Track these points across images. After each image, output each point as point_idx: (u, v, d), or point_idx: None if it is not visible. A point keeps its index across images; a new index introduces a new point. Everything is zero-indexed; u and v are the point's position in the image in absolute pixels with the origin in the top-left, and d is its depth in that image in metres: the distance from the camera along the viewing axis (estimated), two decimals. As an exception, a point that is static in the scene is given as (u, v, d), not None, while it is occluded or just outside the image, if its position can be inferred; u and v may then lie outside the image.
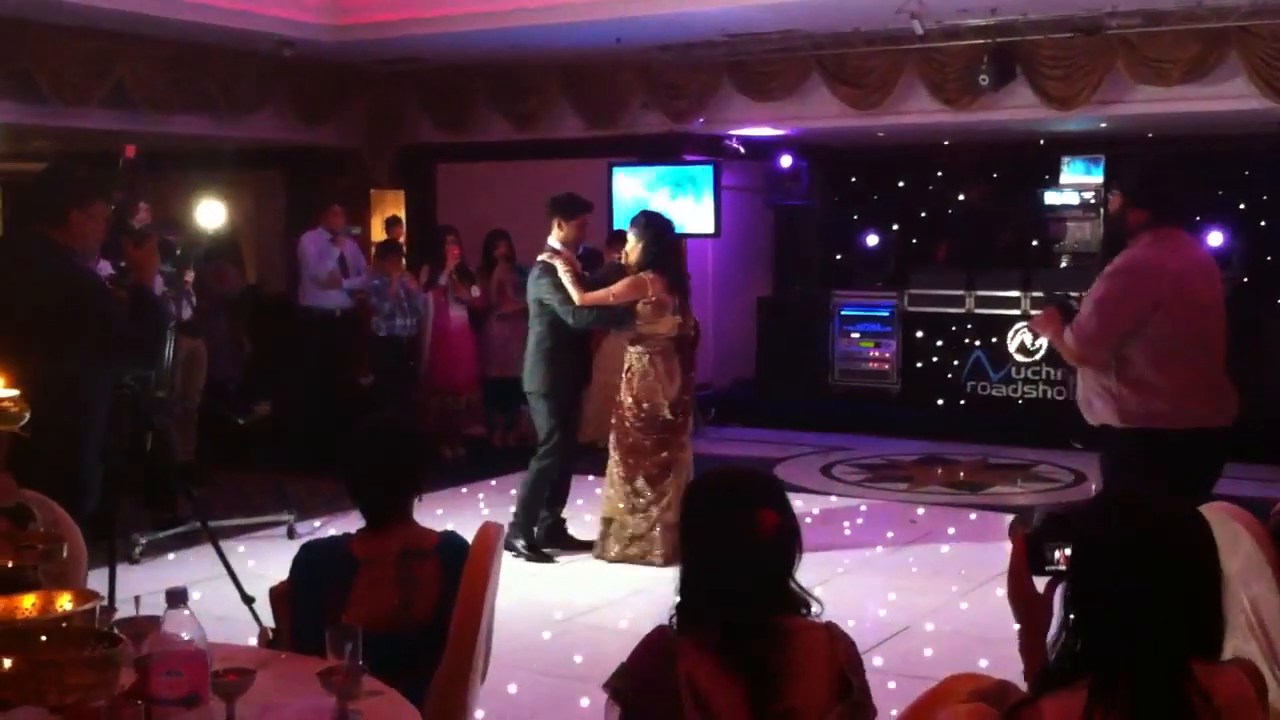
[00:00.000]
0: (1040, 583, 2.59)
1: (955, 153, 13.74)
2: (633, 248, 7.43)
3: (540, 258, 7.55)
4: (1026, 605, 2.58)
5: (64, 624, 2.53)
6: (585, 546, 7.67)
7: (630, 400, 7.41)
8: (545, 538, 7.68)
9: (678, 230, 9.39)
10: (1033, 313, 5.55)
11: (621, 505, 7.45)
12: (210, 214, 8.04)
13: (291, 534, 7.89)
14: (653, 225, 7.46)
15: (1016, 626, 2.58)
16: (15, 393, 2.79)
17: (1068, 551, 2.52)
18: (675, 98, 11.61)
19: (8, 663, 2.31)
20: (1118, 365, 4.70)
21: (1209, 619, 2.27)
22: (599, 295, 7.39)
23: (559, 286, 7.37)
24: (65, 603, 2.60)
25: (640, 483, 7.39)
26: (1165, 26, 9.59)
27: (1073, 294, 5.41)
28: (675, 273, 7.55)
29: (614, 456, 7.47)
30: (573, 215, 7.59)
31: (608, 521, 7.52)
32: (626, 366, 7.48)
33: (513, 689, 5.27)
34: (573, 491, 7.99)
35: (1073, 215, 12.75)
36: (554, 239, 7.56)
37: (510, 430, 11.37)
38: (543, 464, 7.58)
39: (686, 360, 7.56)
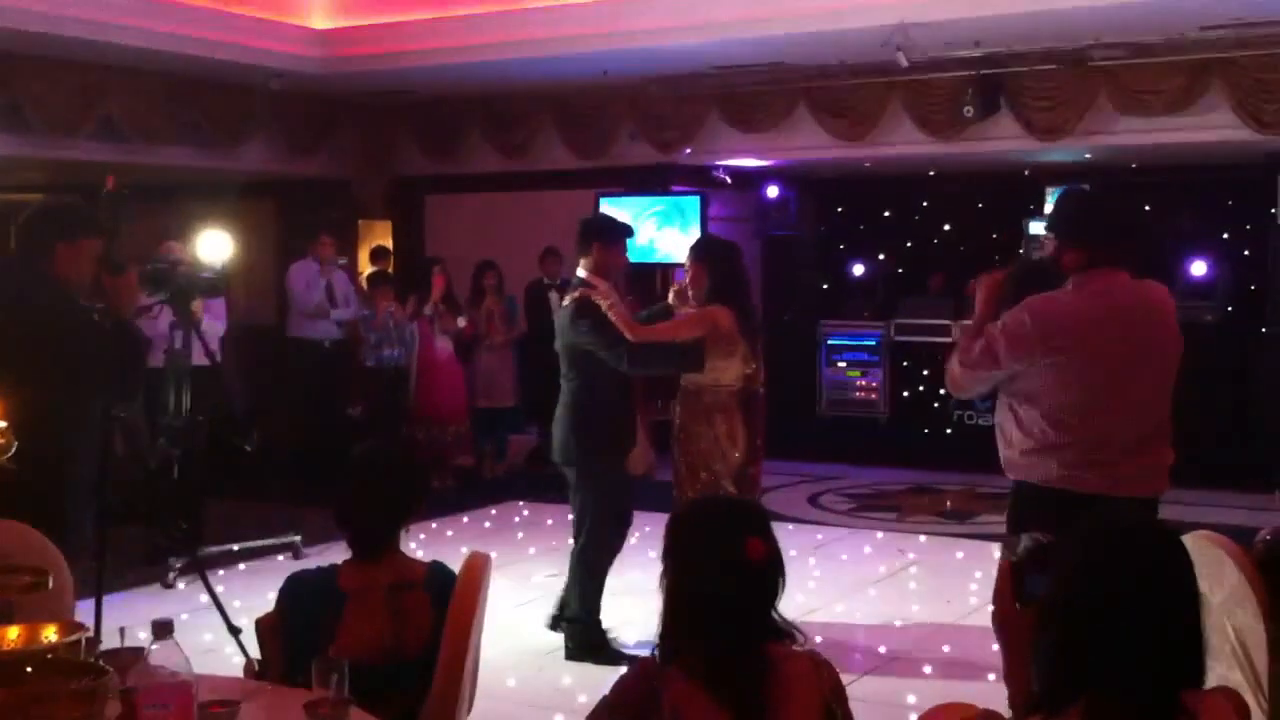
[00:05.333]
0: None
1: (941, 183, 13.80)
2: (694, 278, 6.14)
3: (570, 296, 6.14)
4: (1010, 631, 2.60)
5: (49, 656, 2.53)
6: None
7: (684, 468, 6.13)
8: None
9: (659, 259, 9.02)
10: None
11: None
12: (215, 246, 8.14)
13: (298, 555, 8.04)
14: (719, 251, 6.28)
15: (998, 649, 2.59)
16: (3, 424, 2.80)
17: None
18: (663, 129, 11.66)
19: (-7, 695, 2.31)
20: (1018, 418, 4.24)
21: (1196, 644, 2.29)
22: (661, 329, 6.11)
23: (603, 325, 5.88)
24: (51, 634, 2.59)
25: None
26: (1149, 58, 9.67)
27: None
28: (746, 310, 6.17)
29: None
30: (614, 240, 6.22)
31: None
32: (677, 425, 6.20)
33: (500, 720, 5.27)
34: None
35: (1058, 245, 12.78)
36: (584, 269, 6.10)
37: (499, 461, 11.38)
38: (583, 549, 6.20)
39: (753, 420, 6.13)
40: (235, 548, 8.09)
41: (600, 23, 9.72)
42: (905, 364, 12.18)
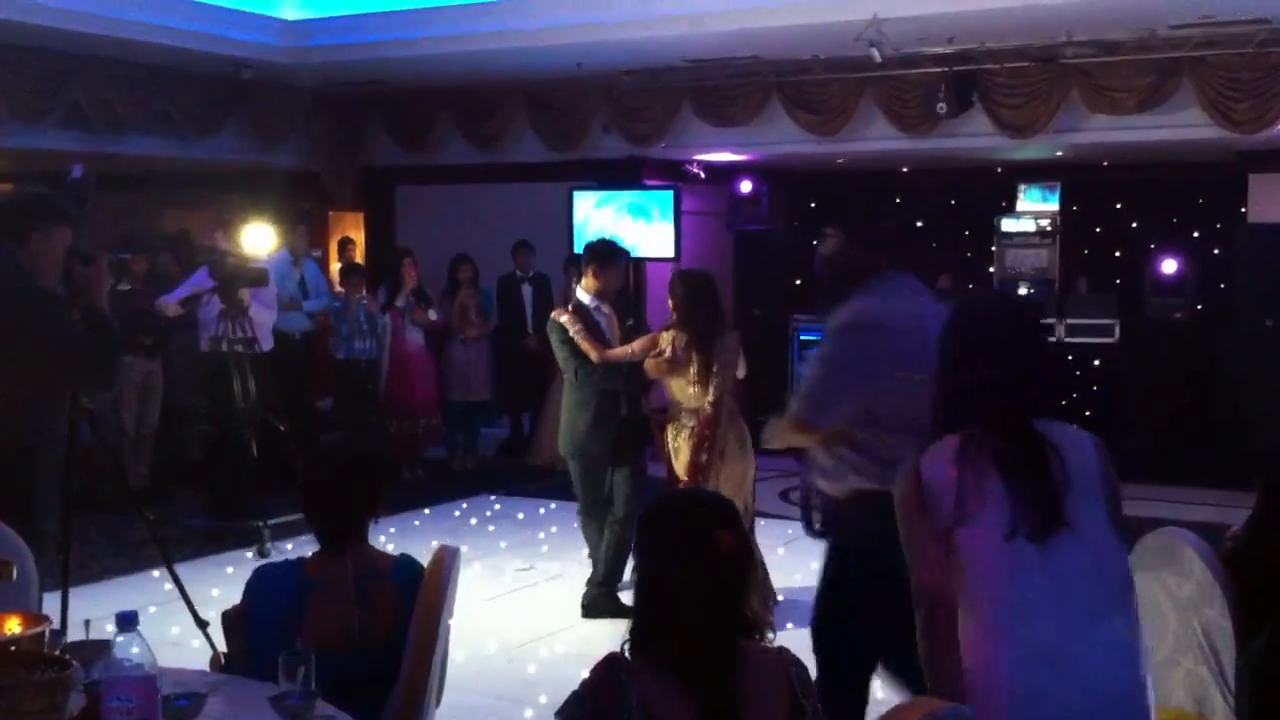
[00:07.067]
0: None
1: (913, 179, 13.83)
2: (673, 309, 6.68)
3: (552, 315, 6.94)
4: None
5: (12, 648, 2.50)
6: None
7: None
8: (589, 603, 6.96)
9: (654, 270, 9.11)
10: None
11: None
12: (259, 238, 8.27)
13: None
14: (685, 284, 6.73)
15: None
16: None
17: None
18: (636, 122, 11.64)
19: (-45, 687, 2.28)
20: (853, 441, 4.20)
21: (1054, 379, 3.03)
22: (618, 352, 6.78)
23: (565, 343, 6.72)
24: (14, 626, 2.57)
25: None
26: (1120, 56, 9.71)
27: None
28: (704, 335, 6.50)
29: None
30: (609, 263, 6.90)
31: None
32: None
33: (468, 713, 5.25)
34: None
35: (1029, 242, 12.85)
36: (582, 290, 6.91)
37: (469, 454, 11.34)
38: (589, 526, 7.04)
39: (701, 438, 6.56)
40: (272, 522, 8.10)
41: (574, 14, 9.70)
42: (876, 359, 12.19)
